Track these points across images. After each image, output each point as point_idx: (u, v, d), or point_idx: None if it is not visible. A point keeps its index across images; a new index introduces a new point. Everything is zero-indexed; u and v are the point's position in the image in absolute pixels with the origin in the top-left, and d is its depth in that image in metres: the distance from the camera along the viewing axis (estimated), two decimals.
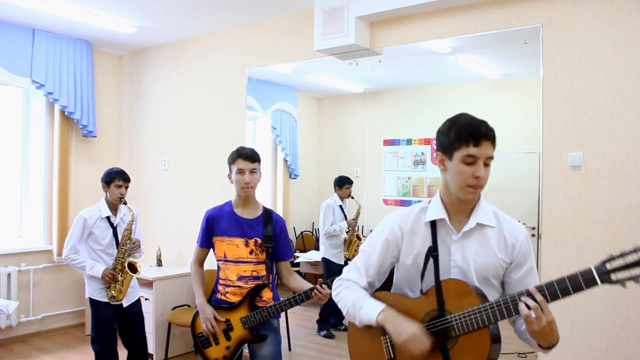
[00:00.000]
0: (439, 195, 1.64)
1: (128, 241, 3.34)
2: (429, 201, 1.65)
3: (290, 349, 4.21)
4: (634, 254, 1.31)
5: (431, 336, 1.53)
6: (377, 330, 1.61)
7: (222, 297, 2.59)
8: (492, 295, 1.59)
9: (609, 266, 1.34)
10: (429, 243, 1.60)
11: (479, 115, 1.58)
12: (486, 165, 1.51)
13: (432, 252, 1.58)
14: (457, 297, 1.52)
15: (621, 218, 2.74)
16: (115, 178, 3.32)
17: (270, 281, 2.59)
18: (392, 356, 1.62)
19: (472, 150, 1.48)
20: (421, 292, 1.59)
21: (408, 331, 1.51)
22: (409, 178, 4.06)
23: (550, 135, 2.97)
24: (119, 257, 3.33)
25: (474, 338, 1.49)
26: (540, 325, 1.38)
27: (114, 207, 3.38)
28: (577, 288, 1.38)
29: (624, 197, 2.74)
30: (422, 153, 3.95)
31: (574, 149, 2.89)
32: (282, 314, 2.82)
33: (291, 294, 2.47)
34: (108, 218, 3.35)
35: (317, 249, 4.73)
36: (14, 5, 4.00)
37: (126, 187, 3.37)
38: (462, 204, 1.58)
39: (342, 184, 4.29)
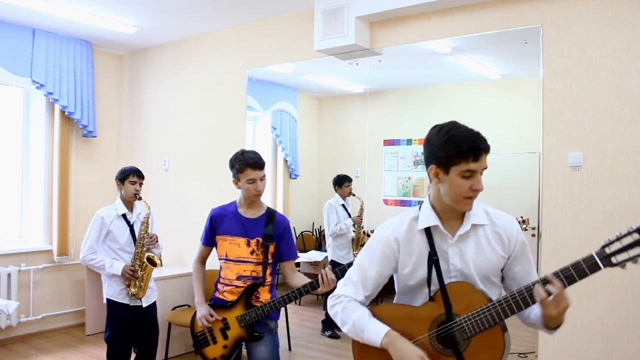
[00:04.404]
0: (429, 202, 1.63)
1: (145, 235, 3.37)
2: (419, 208, 1.65)
3: (290, 349, 4.21)
4: (629, 236, 1.37)
5: (437, 353, 1.53)
6: None
7: (220, 296, 2.60)
8: (494, 293, 1.60)
9: (607, 250, 1.39)
10: (426, 249, 1.59)
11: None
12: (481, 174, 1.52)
13: (433, 257, 1.57)
14: (463, 299, 1.53)
15: (621, 218, 2.74)
16: (130, 175, 3.39)
17: (269, 282, 2.59)
18: None
19: (472, 165, 1.47)
20: (431, 298, 1.58)
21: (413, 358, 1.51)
22: (409, 178, 4.07)
23: (550, 135, 2.97)
24: (138, 253, 3.35)
25: (486, 337, 1.50)
26: (558, 309, 1.42)
27: (129, 205, 3.43)
28: (582, 274, 1.41)
29: (624, 197, 2.74)
30: (422, 153, 3.96)
31: (574, 149, 2.89)
32: (282, 314, 2.80)
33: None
34: (124, 216, 3.39)
35: (317, 249, 4.73)
36: (14, 5, 4.00)
37: (140, 184, 3.44)
38: (454, 210, 1.58)
39: (342, 182, 4.30)
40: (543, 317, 1.49)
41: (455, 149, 1.47)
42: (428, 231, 1.60)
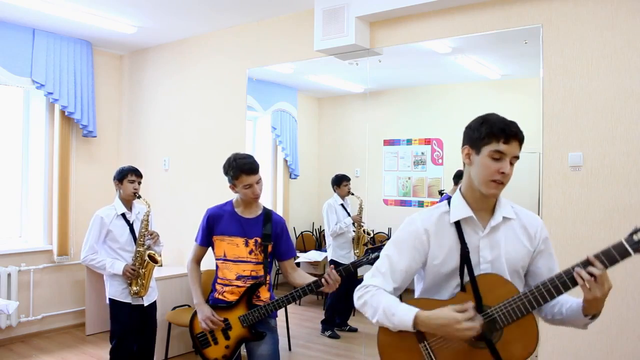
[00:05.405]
0: (460, 194, 1.63)
1: (146, 233, 3.37)
2: (447, 203, 1.64)
3: (290, 349, 4.21)
4: None
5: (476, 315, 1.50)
6: (413, 337, 1.57)
7: (220, 297, 2.60)
8: (519, 288, 1.60)
9: (635, 237, 1.41)
10: (456, 242, 1.59)
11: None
12: (511, 164, 1.53)
13: (465, 251, 1.58)
14: (493, 291, 1.53)
15: (621, 218, 2.74)
16: (128, 174, 3.42)
17: (268, 281, 2.59)
18: None
19: (502, 146, 1.51)
20: (463, 289, 1.57)
21: (451, 320, 1.46)
22: (409, 178, 4.06)
23: (550, 135, 2.97)
24: (138, 251, 3.35)
25: (519, 327, 1.50)
26: (603, 290, 1.42)
27: (128, 204, 3.45)
28: (613, 261, 1.42)
29: (624, 197, 2.74)
30: (422, 153, 3.96)
31: (574, 149, 2.89)
32: (282, 314, 2.80)
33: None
34: (123, 215, 3.40)
35: (317, 249, 4.73)
36: (14, 5, 4.00)
37: (139, 183, 3.46)
38: (485, 201, 1.59)
39: (340, 182, 4.30)
40: (586, 303, 1.48)
41: (487, 129, 1.53)
42: (457, 224, 1.60)
